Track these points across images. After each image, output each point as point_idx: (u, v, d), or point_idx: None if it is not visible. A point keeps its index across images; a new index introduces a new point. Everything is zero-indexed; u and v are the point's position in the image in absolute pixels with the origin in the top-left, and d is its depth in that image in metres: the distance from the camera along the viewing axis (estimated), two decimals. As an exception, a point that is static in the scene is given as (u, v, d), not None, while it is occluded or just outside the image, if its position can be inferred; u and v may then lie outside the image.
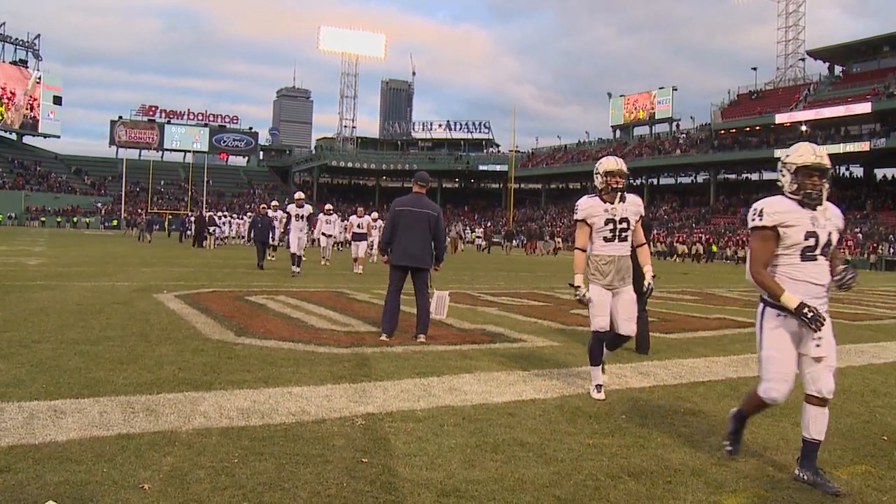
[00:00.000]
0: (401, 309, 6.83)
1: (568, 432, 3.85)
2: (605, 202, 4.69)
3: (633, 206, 4.76)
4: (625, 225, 4.69)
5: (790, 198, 3.27)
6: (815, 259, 3.23)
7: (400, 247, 6.68)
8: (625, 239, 4.71)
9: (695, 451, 3.63)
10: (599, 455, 3.48)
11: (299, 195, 15.89)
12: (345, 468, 3.13)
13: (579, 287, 4.62)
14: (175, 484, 2.85)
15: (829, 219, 3.28)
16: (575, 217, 4.77)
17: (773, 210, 3.24)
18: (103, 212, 68.26)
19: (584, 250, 4.71)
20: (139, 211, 55.00)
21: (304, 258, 15.44)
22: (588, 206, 4.70)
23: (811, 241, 3.21)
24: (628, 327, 4.69)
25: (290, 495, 2.80)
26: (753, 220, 3.29)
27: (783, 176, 3.31)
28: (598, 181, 4.73)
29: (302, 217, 15.36)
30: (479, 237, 46.07)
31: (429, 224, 6.68)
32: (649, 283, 4.86)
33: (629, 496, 2.96)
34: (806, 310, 3.13)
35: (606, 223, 4.66)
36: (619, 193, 4.70)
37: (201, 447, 3.32)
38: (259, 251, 16.63)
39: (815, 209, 3.24)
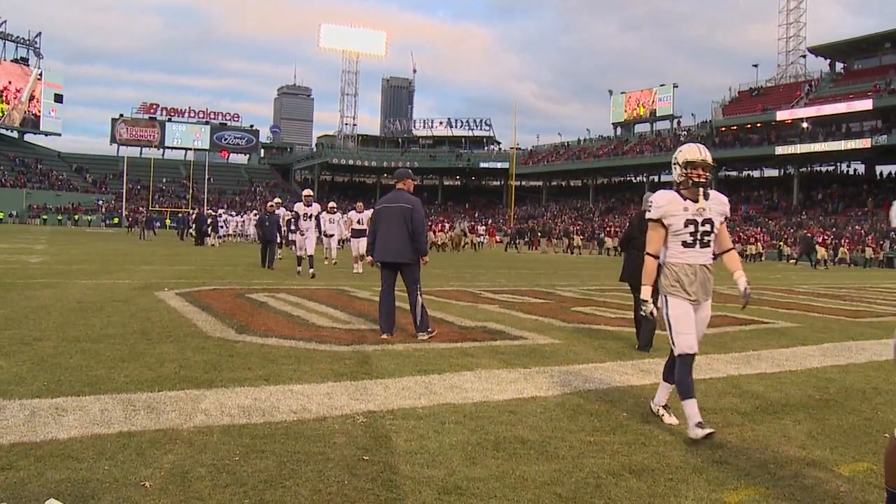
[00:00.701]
0: (398, 306, 6.82)
1: (569, 430, 3.85)
2: (685, 199, 3.92)
3: (718, 206, 3.97)
4: (708, 227, 3.91)
5: None
6: None
7: (379, 243, 6.70)
8: (707, 245, 3.93)
9: (696, 448, 3.62)
10: (601, 453, 3.47)
11: (308, 192, 15.07)
12: (346, 466, 3.13)
13: (646, 302, 3.91)
14: (176, 482, 2.85)
15: None
16: (648, 216, 3.98)
17: None
18: (104, 210, 68.34)
19: (656, 257, 3.96)
20: (140, 209, 55.05)
21: (313, 256, 14.37)
22: (665, 203, 3.91)
23: None
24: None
25: (291, 493, 2.80)
26: None
27: None
28: (677, 173, 3.97)
29: (310, 216, 14.52)
30: (481, 235, 46.01)
31: (404, 217, 6.62)
32: (746, 289, 3.98)
33: (630, 494, 2.96)
34: None
35: (687, 224, 3.88)
36: (703, 189, 3.93)
37: (202, 445, 3.32)
38: (263, 250, 15.89)
39: None
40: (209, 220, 29.33)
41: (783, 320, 9.22)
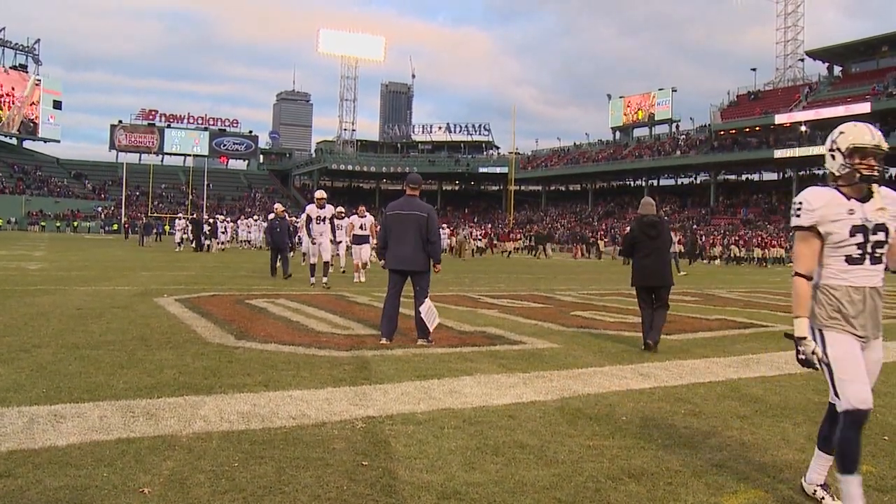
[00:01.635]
0: (400, 312, 6.82)
1: (568, 434, 3.85)
2: (848, 198, 2.85)
3: (893, 206, 2.88)
4: (882, 236, 2.83)
5: None
6: None
7: (392, 251, 6.70)
8: (879, 260, 2.85)
9: (695, 452, 3.62)
10: (600, 457, 3.47)
11: (320, 194, 14.01)
12: (345, 471, 3.13)
13: (803, 339, 2.81)
14: (175, 488, 2.85)
15: None
16: (795, 222, 2.91)
17: None
18: (103, 216, 68.34)
19: (809, 278, 2.88)
20: (140, 215, 55.06)
21: (328, 263, 13.30)
22: (823, 205, 2.84)
23: None
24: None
25: (291, 499, 2.80)
26: None
27: None
28: (838, 164, 2.88)
29: (323, 219, 13.43)
30: (478, 240, 45.95)
31: (419, 226, 6.63)
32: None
33: (630, 498, 2.96)
34: None
35: (854, 233, 2.81)
36: (874, 185, 2.86)
37: (201, 451, 3.32)
38: (273, 258, 15.02)
39: None
40: (208, 228, 29.21)
41: (782, 323, 9.21)
